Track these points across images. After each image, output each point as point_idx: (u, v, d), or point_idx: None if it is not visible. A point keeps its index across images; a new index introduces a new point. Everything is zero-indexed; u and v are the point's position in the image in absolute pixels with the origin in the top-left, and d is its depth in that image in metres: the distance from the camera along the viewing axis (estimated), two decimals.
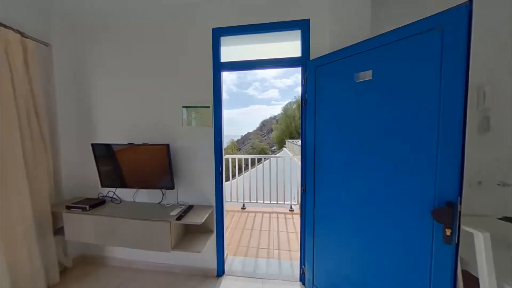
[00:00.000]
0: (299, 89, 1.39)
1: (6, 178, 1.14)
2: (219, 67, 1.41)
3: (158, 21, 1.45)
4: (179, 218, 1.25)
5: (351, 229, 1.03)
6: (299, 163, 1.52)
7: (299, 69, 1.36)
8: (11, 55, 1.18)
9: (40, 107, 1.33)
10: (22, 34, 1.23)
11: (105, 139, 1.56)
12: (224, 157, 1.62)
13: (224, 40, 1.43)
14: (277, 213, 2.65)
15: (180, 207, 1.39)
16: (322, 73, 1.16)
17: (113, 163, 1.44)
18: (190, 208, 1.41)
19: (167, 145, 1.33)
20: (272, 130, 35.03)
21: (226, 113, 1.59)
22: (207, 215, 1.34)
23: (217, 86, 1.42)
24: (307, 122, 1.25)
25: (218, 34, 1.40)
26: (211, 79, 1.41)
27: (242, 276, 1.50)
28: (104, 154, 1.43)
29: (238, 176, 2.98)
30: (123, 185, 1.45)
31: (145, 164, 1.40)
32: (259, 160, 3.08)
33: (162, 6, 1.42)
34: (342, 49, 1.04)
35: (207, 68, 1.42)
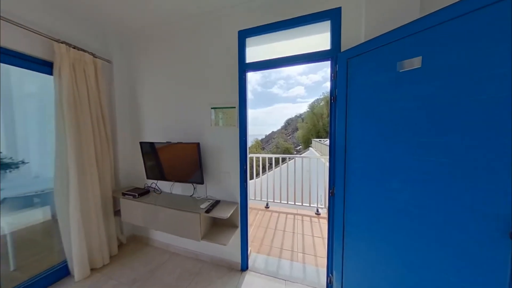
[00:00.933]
0: (327, 85, 1.31)
1: (84, 169, 1.48)
2: (244, 68, 1.45)
3: (189, 30, 1.60)
4: (207, 211, 1.35)
5: (391, 242, 0.90)
6: (327, 164, 1.42)
7: (328, 63, 1.26)
8: (87, 72, 1.51)
9: (106, 114, 1.67)
10: (93, 55, 1.57)
11: (149, 138, 1.83)
12: (249, 156, 1.66)
13: (249, 41, 1.46)
14: (302, 215, 2.55)
15: (209, 201, 1.50)
16: (355, 65, 1.05)
17: (155, 158, 1.67)
18: (217, 202, 1.50)
19: (198, 144, 1.46)
20: (297, 129, 33.82)
21: (250, 113, 1.63)
22: (232, 210, 1.41)
23: (242, 86, 1.46)
24: (337, 119, 1.15)
25: (243, 36, 1.44)
26: (237, 81, 1.47)
27: (265, 274, 1.52)
28: (149, 151, 1.68)
29: (262, 175, 3.01)
30: (163, 178, 1.67)
31: (180, 161, 1.57)
32: (283, 159, 3.02)
33: (191, 16, 1.55)
34: (381, 35, 0.91)
35: (233, 70, 1.48)
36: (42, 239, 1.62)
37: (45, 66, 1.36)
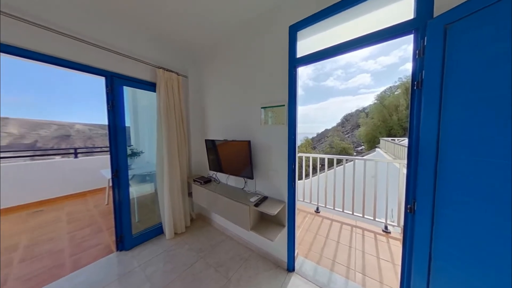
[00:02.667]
0: (407, 67, 0.98)
1: (171, 160, 2.01)
2: (294, 63, 1.39)
3: (242, 37, 1.73)
4: (256, 205, 1.44)
5: None
6: (404, 170, 1.10)
7: (408, 39, 0.96)
8: (173, 87, 2.03)
9: (184, 117, 2.17)
10: (177, 74, 2.07)
11: (212, 136, 2.20)
12: (298, 155, 1.59)
13: (300, 34, 1.38)
14: (363, 229, 2.13)
15: (257, 196, 1.59)
16: (458, 32, 0.73)
17: (215, 153, 1.99)
18: (265, 198, 1.57)
19: (249, 142, 1.57)
20: (358, 126, 28.34)
21: (300, 110, 1.55)
22: (279, 208, 1.41)
23: (292, 83, 1.42)
24: (423, 111, 0.86)
25: (294, 30, 1.37)
26: (287, 78, 1.44)
27: (312, 282, 1.42)
28: (211, 147, 2.01)
29: (312, 176, 2.79)
30: (221, 170, 1.95)
31: (234, 156, 1.77)
32: (339, 161, 2.64)
33: (244, 23, 1.67)
34: None
35: (283, 67, 1.46)
36: (150, 205, 2.39)
37: (151, 86, 1.96)
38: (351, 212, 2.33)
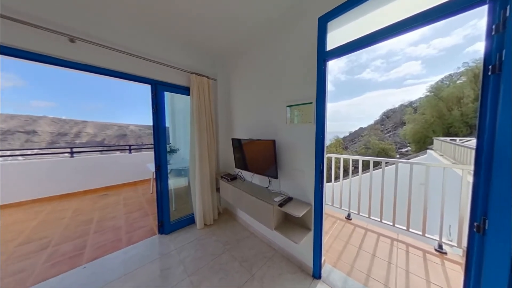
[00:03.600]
0: (476, 48, 0.77)
1: (201, 158, 2.19)
2: (324, 57, 1.30)
3: (268, 36, 1.72)
4: (280, 205, 1.42)
5: None
6: (470, 178, 0.88)
7: (474, 13, 0.75)
8: (204, 90, 2.20)
9: (213, 117, 2.33)
10: (207, 77, 2.24)
11: (238, 135, 2.29)
12: (326, 155, 1.48)
13: (331, 25, 1.28)
14: (408, 245, 1.82)
15: (282, 196, 1.57)
16: None
17: (241, 152, 2.05)
18: (289, 199, 1.53)
19: (273, 141, 1.56)
20: (403, 124, 24.19)
21: (330, 107, 1.43)
22: (305, 211, 1.35)
23: (321, 78, 1.32)
24: (502, 103, 0.66)
25: (324, 21, 1.28)
26: (315, 74, 1.35)
27: None
28: (237, 145, 2.09)
29: (344, 179, 2.55)
30: (246, 168, 2.01)
31: (259, 155, 1.79)
32: (377, 163, 2.33)
33: (270, 21, 1.65)
34: None
35: (310, 63, 1.38)
36: (184, 196, 2.67)
37: (186, 90, 2.18)
38: (391, 223, 2.02)
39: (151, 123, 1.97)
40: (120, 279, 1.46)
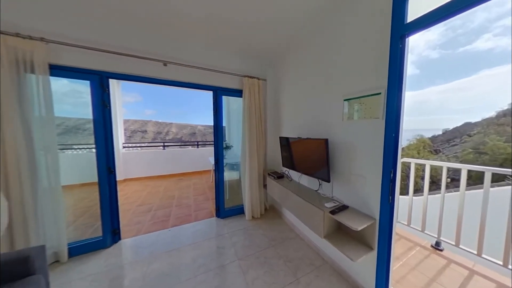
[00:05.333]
0: None
1: (251, 154, 2.35)
2: (402, 32, 1.00)
3: (321, 24, 1.54)
4: (333, 212, 1.27)
5: None
6: None
7: None
8: (255, 91, 2.33)
9: (262, 117, 2.43)
10: (258, 79, 2.36)
11: (286, 133, 2.26)
12: (402, 160, 1.16)
13: None
14: None
15: (334, 202, 1.39)
16: None
17: (288, 151, 2.01)
18: (344, 207, 1.33)
19: (326, 140, 1.41)
20: None
21: (411, 96, 1.09)
22: (365, 225, 1.13)
23: (396, 61, 1.04)
24: None
25: None
26: (387, 56, 1.08)
27: None
28: (284, 144, 2.07)
29: (431, 194, 1.89)
30: (293, 168, 1.95)
31: (308, 155, 1.68)
32: (498, 177, 1.52)
33: (322, 8, 1.47)
34: None
35: (379, 43, 1.11)
36: (236, 188, 2.99)
37: (239, 93, 2.40)
38: None
39: (212, 123, 2.35)
40: (190, 245, 1.87)
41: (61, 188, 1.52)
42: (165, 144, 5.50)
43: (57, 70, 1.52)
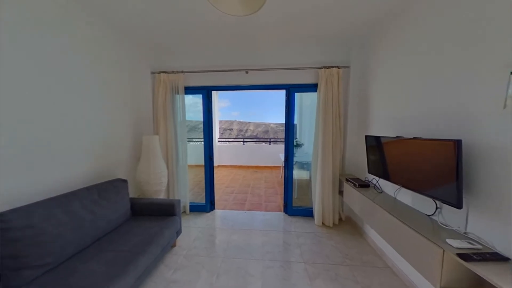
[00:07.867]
0: None
1: (324, 155, 2.09)
2: None
3: None
4: (466, 258, 0.79)
5: None
6: None
7: None
8: (333, 82, 2.03)
9: (341, 111, 2.08)
10: (337, 67, 2.03)
11: (375, 131, 1.75)
12: None
13: None
14: None
15: (469, 242, 0.86)
16: None
17: (379, 154, 1.55)
18: (494, 255, 0.78)
19: (457, 142, 0.90)
20: None
21: None
22: None
23: None
24: None
25: None
26: None
27: None
28: (373, 145, 1.62)
29: None
30: (386, 177, 1.47)
31: (415, 162, 1.18)
32: None
33: None
34: None
35: None
36: (305, 188, 2.86)
37: (314, 87, 2.22)
38: None
39: (283, 121, 2.41)
40: (259, 231, 2.10)
41: (187, 166, 2.38)
42: (245, 140, 6.58)
43: (188, 90, 2.36)
